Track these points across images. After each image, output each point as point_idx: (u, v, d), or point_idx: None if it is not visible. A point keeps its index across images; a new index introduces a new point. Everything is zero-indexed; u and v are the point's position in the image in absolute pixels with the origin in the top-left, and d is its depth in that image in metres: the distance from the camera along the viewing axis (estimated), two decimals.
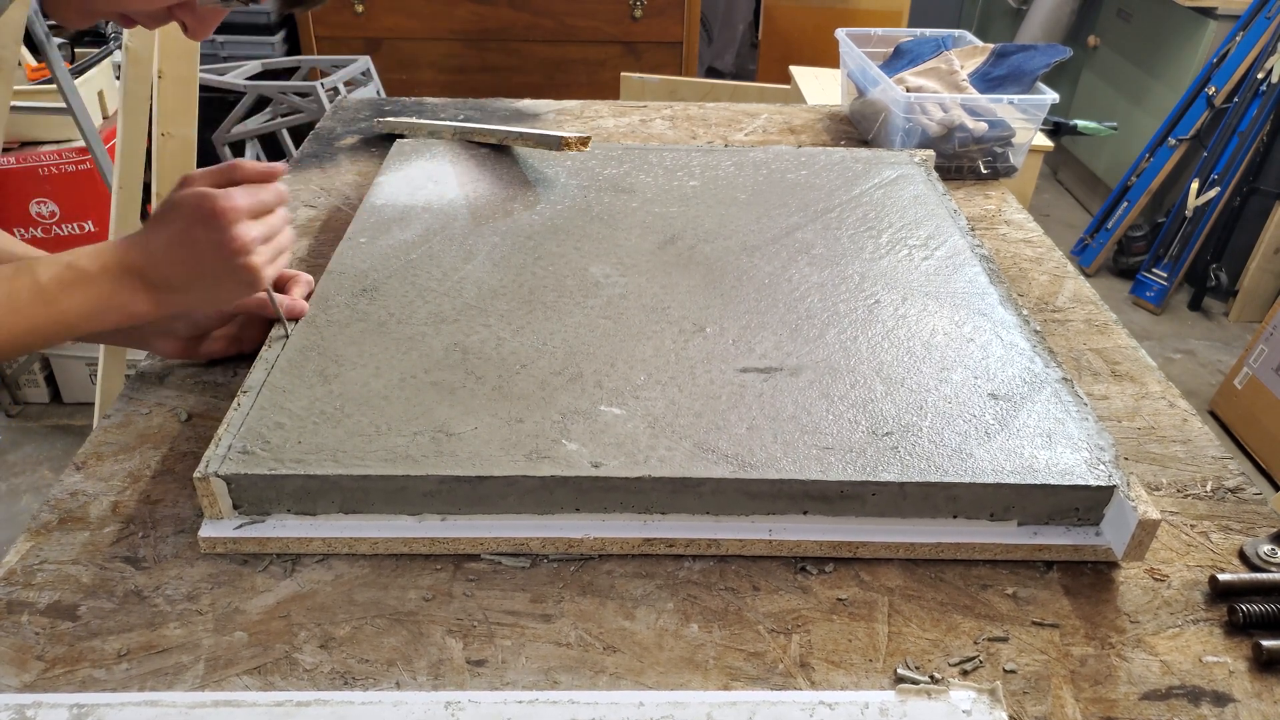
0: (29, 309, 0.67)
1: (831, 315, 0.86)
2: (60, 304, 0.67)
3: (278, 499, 0.68)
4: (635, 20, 2.96)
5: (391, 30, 2.97)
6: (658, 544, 0.68)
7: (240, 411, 0.72)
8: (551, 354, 0.79)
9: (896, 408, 0.74)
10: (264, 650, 0.61)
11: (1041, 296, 1.02)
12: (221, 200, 0.70)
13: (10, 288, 0.66)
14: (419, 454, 0.68)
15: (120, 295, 0.70)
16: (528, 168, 1.14)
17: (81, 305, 0.68)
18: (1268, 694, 0.59)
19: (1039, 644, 0.62)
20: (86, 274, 0.68)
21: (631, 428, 0.71)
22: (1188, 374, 2.67)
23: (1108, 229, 3.11)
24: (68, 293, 0.68)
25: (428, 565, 0.67)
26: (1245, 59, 2.75)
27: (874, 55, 1.45)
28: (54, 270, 0.68)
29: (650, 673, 0.60)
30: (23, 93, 2.12)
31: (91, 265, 0.69)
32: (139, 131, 1.59)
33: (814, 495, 0.67)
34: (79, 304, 0.68)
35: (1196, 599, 0.66)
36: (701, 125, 1.43)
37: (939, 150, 1.25)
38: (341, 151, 1.30)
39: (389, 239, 0.96)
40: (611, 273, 0.92)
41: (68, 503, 0.72)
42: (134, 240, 0.71)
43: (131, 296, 0.70)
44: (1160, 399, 0.86)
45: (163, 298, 0.72)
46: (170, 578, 0.66)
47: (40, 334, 0.68)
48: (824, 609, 0.65)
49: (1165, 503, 0.74)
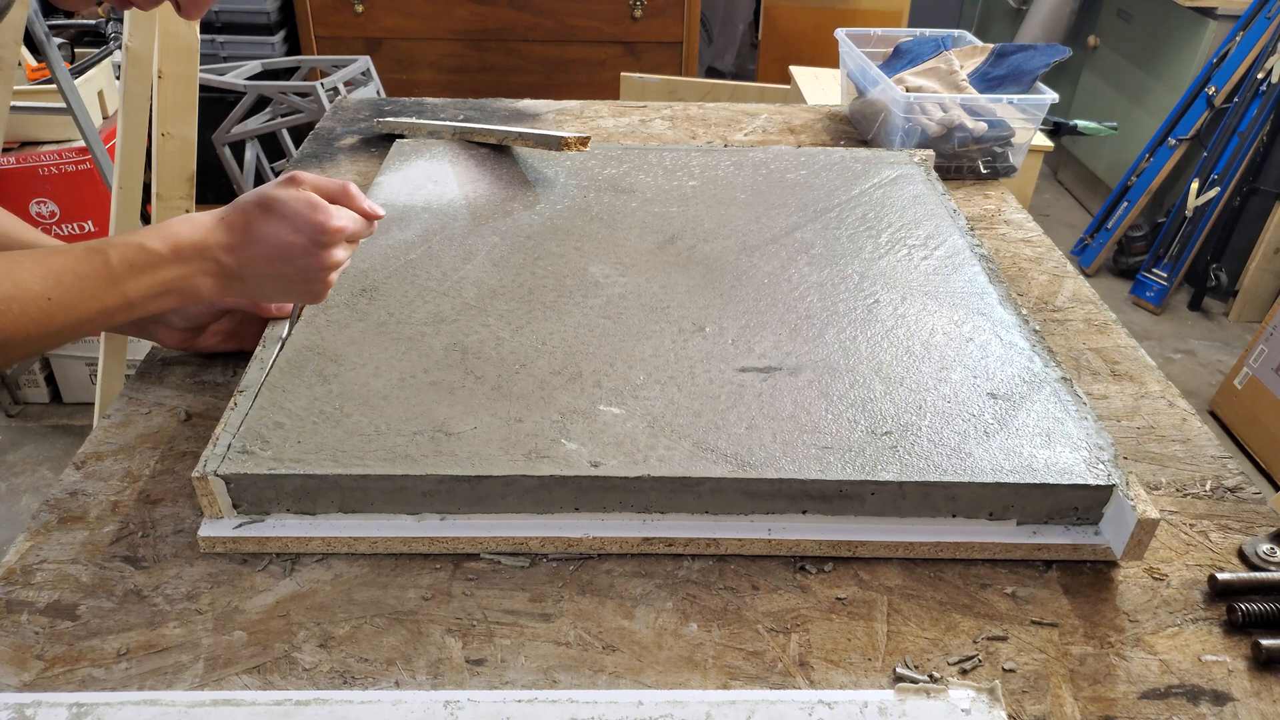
0: (100, 291, 0.66)
1: (831, 315, 0.86)
2: (127, 286, 0.66)
3: (277, 498, 0.68)
4: (635, 20, 2.96)
5: (391, 30, 2.97)
6: (657, 543, 0.68)
7: (239, 411, 0.72)
8: (551, 354, 0.79)
9: (895, 407, 0.74)
10: (263, 649, 0.61)
11: (1041, 296, 1.02)
12: (335, 219, 0.70)
13: (85, 268, 0.65)
14: (418, 453, 0.68)
15: (189, 279, 0.69)
16: (527, 168, 1.14)
17: (149, 287, 0.67)
18: (1266, 693, 0.59)
19: (1038, 643, 0.62)
20: (158, 256, 0.67)
21: (631, 427, 0.71)
22: (1188, 374, 2.67)
23: (1108, 229, 3.11)
24: (136, 275, 0.67)
25: (427, 565, 0.67)
26: (1245, 59, 2.75)
27: (874, 55, 1.45)
28: (123, 252, 0.67)
29: (649, 672, 0.60)
30: (23, 93, 2.12)
31: (163, 247, 0.68)
32: (139, 131, 1.59)
33: (813, 495, 0.67)
34: (146, 286, 0.67)
35: (1195, 598, 0.66)
36: (701, 125, 1.43)
37: (938, 150, 1.25)
38: (341, 151, 1.31)
39: (388, 239, 0.96)
40: (611, 272, 0.92)
41: (67, 502, 0.72)
42: (217, 225, 0.70)
43: (199, 280, 0.69)
44: (1159, 398, 0.86)
45: (228, 285, 0.71)
46: (170, 577, 0.66)
47: (108, 315, 0.67)
48: (823, 608, 0.65)
49: (1164, 502, 0.74)
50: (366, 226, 0.75)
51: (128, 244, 0.67)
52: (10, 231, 0.82)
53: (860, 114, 1.43)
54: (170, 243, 0.68)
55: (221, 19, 2.86)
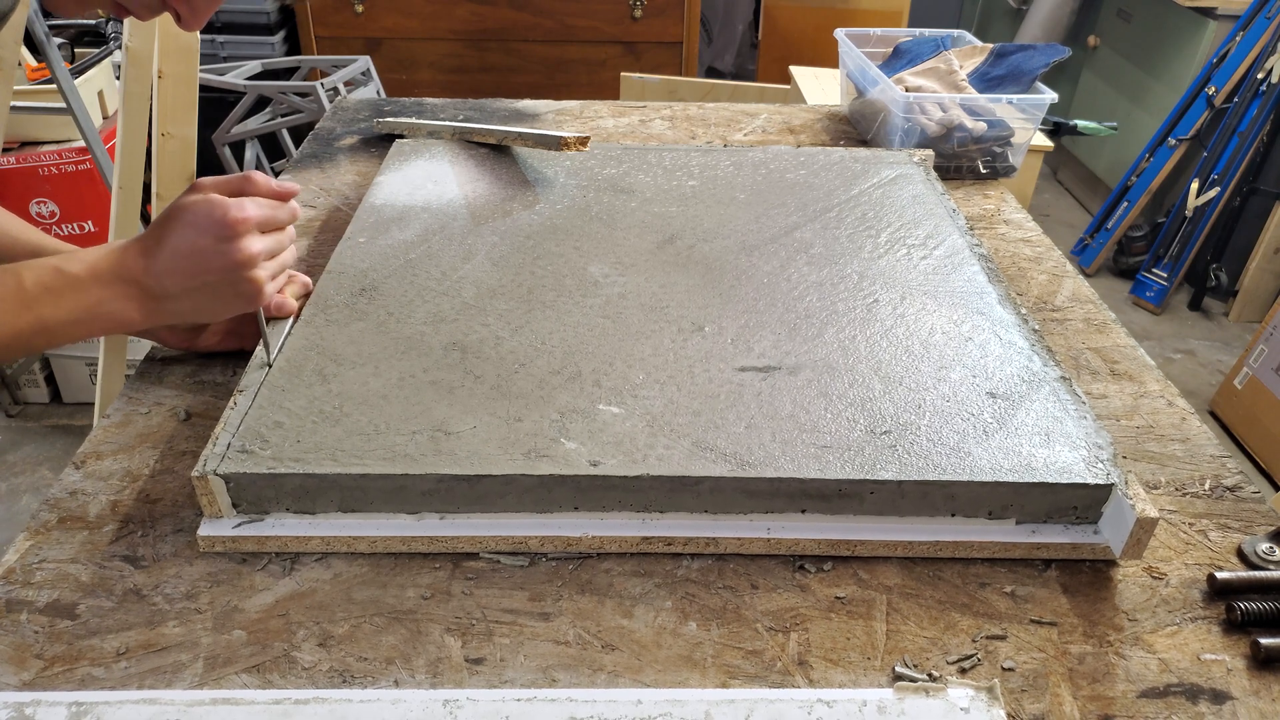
0: (12, 315, 0.63)
1: (830, 314, 0.86)
2: (42, 309, 0.64)
3: (276, 498, 0.68)
4: (635, 20, 2.96)
5: (391, 30, 2.97)
6: (656, 542, 0.68)
7: (238, 411, 0.72)
8: (550, 353, 0.79)
9: (895, 406, 0.74)
10: (263, 649, 0.61)
11: (1040, 296, 1.02)
12: (234, 210, 0.68)
13: None
14: (418, 453, 0.68)
15: (109, 303, 0.67)
16: (527, 168, 1.14)
17: (67, 312, 0.65)
18: (1265, 692, 0.59)
19: (1037, 642, 0.62)
20: (74, 279, 0.65)
21: (630, 426, 0.71)
22: (1188, 374, 2.67)
23: (1108, 229, 3.12)
24: (52, 298, 0.64)
25: (426, 564, 0.67)
26: (1245, 59, 2.75)
27: (873, 55, 1.45)
28: (39, 274, 0.64)
29: (648, 671, 0.60)
30: (23, 93, 2.13)
31: (80, 270, 0.66)
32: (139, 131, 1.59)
33: (812, 494, 0.67)
34: (64, 311, 0.65)
35: (1195, 597, 0.66)
36: (701, 125, 1.43)
37: (938, 150, 1.25)
38: (341, 151, 1.31)
39: (388, 239, 0.96)
40: (610, 272, 0.92)
41: (67, 502, 0.72)
42: (132, 245, 0.68)
43: (122, 305, 0.67)
44: (1159, 398, 0.86)
45: (155, 306, 0.69)
46: (169, 576, 0.66)
47: (22, 340, 0.64)
48: (822, 607, 0.65)
49: (1163, 501, 0.74)
50: (282, 209, 0.71)
51: (44, 266, 0.65)
52: (12, 232, 0.82)
53: (860, 114, 1.43)
54: (87, 266, 0.66)
55: (221, 19, 2.86)
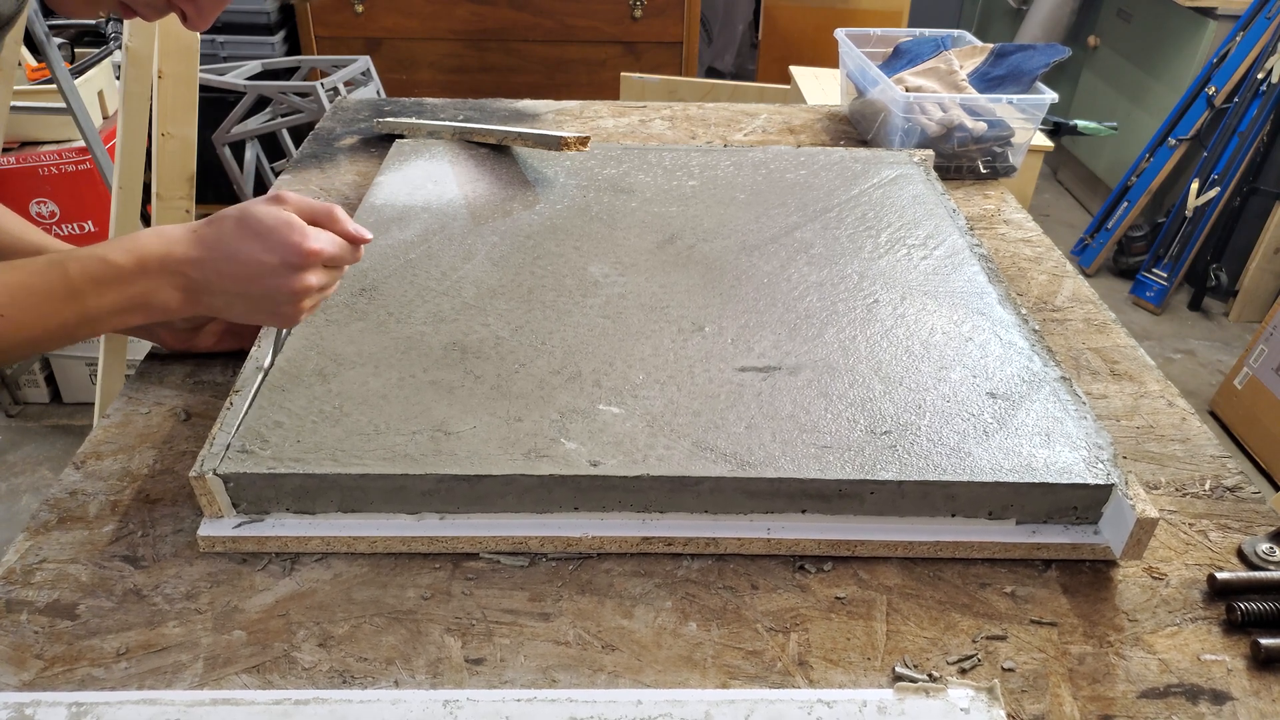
0: (59, 306, 0.63)
1: (830, 314, 0.86)
2: (88, 300, 0.64)
3: (276, 498, 0.68)
4: (635, 20, 2.96)
5: (391, 30, 2.97)
6: (656, 543, 0.68)
7: (234, 411, 0.72)
8: (550, 353, 0.79)
9: (895, 406, 0.74)
10: (262, 649, 0.61)
11: (1040, 296, 1.02)
12: (311, 240, 0.66)
13: (41, 283, 0.63)
14: (418, 453, 0.68)
15: (154, 294, 0.66)
16: (527, 168, 1.14)
17: (112, 302, 0.65)
18: (1265, 692, 0.59)
19: (1037, 642, 0.62)
20: (122, 270, 0.65)
21: (630, 426, 0.71)
22: (1188, 374, 2.67)
23: (1108, 229, 3.11)
24: (98, 289, 0.64)
25: (426, 564, 0.67)
26: (1245, 59, 2.75)
27: (873, 55, 1.45)
28: (84, 264, 0.64)
29: (648, 671, 0.60)
30: (23, 93, 2.13)
31: (126, 260, 0.65)
32: (139, 131, 1.59)
33: (812, 494, 0.67)
34: (109, 301, 0.65)
35: (1195, 597, 0.66)
36: (701, 125, 1.43)
37: (938, 150, 1.25)
38: (341, 152, 1.31)
39: (388, 239, 0.96)
40: (610, 272, 0.92)
41: (67, 502, 0.72)
42: (183, 235, 0.67)
43: (166, 294, 0.66)
44: (1159, 398, 0.86)
45: (195, 300, 0.68)
46: (169, 576, 0.66)
47: (68, 330, 0.65)
48: (822, 607, 0.65)
49: (1163, 501, 0.74)
50: (351, 252, 0.71)
51: (90, 256, 0.64)
52: (13, 231, 0.82)
53: (860, 114, 1.43)
54: (135, 255, 0.65)
55: (221, 19, 2.86)
